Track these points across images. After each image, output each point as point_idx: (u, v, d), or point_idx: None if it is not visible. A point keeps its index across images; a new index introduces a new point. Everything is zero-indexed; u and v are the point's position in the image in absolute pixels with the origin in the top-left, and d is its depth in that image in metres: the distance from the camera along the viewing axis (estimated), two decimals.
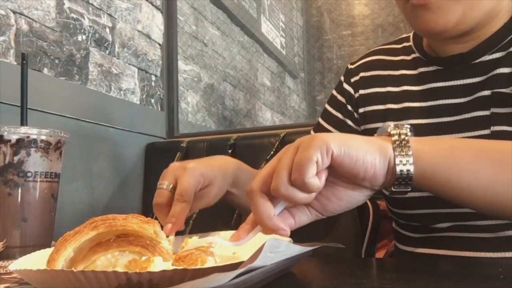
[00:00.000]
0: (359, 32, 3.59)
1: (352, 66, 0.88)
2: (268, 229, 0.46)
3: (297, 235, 0.53)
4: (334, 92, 0.90)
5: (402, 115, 0.76)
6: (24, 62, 0.68)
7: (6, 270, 0.55)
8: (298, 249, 0.43)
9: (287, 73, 3.60)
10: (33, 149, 0.64)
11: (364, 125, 0.83)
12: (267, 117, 3.06)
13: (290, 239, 0.51)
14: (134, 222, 0.44)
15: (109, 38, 1.56)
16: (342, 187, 0.49)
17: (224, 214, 1.37)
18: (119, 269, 0.40)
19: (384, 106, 0.79)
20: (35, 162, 0.64)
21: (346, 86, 0.87)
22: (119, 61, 1.61)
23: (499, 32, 0.68)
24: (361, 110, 0.83)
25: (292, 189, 0.45)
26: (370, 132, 0.81)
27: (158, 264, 0.40)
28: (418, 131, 0.73)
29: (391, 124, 0.51)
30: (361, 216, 1.01)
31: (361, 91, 0.83)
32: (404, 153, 0.47)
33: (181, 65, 2.02)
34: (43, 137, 0.65)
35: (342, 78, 0.90)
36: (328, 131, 0.87)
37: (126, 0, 1.66)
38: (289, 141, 1.51)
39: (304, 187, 0.44)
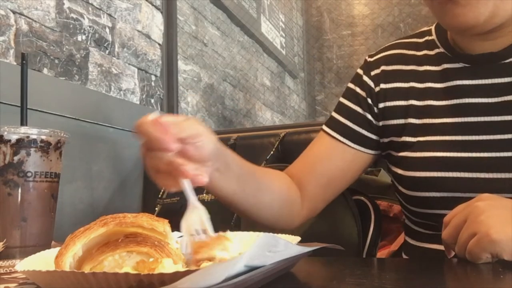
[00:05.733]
0: (359, 32, 3.59)
1: (372, 59, 0.85)
2: None
3: (298, 234, 0.53)
4: (352, 86, 0.86)
5: (424, 113, 0.75)
6: (24, 62, 0.68)
7: (6, 270, 0.54)
8: (297, 249, 0.43)
9: (287, 73, 3.60)
10: (33, 149, 0.64)
11: (383, 121, 0.80)
12: (267, 117, 3.06)
13: (298, 237, 0.51)
14: (144, 220, 0.44)
15: (109, 38, 1.56)
16: None
17: (224, 214, 1.37)
18: (128, 270, 0.40)
19: (406, 102, 0.77)
20: (35, 162, 0.64)
21: (366, 79, 0.83)
22: (119, 61, 1.61)
23: None
24: (381, 105, 0.80)
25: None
26: (389, 128, 0.79)
27: (167, 266, 0.40)
28: (443, 130, 0.72)
29: None
30: (362, 217, 1.01)
31: (382, 85, 0.81)
32: None
33: (181, 65, 2.02)
34: (43, 137, 0.65)
35: (360, 71, 0.86)
36: (345, 125, 0.83)
37: (126, 0, 1.66)
38: (289, 141, 1.52)
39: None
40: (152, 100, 1.80)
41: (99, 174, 1.47)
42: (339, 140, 0.82)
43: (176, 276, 0.34)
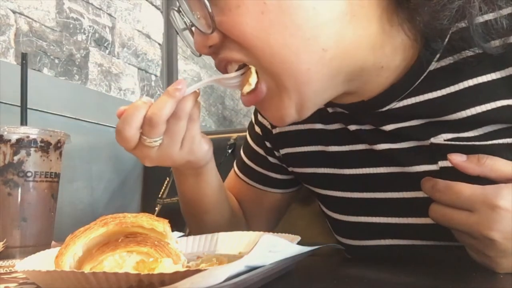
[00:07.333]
0: None
1: None
2: None
3: (297, 234, 0.53)
4: (253, 119, 0.75)
5: (329, 161, 0.63)
6: (24, 62, 0.68)
7: (6, 270, 0.55)
8: (298, 249, 0.43)
9: None
10: (33, 149, 0.64)
11: (292, 168, 0.69)
12: None
13: (298, 237, 0.51)
14: (144, 220, 0.44)
15: (109, 38, 1.56)
16: None
17: None
18: (128, 269, 0.40)
19: (309, 147, 0.65)
20: (35, 162, 0.64)
21: (261, 118, 0.72)
22: (119, 61, 1.61)
23: (405, 78, 0.53)
24: (283, 151, 0.69)
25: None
26: (302, 177, 0.68)
27: (167, 265, 0.40)
28: (344, 182, 0.61)
29: None
30: None
31: (279, 128, 0.69)
32: None
33: (181, 65, 2.02)
34: (43, 137, 0.65)
35: None
36: (251, 168, 0.74)
37: (126, 0, 1.66)
38: None
39: None
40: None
41: (99, 174, 1.48)
42: (250, 184, 0.75)
43: (176, 276, 0.34)
